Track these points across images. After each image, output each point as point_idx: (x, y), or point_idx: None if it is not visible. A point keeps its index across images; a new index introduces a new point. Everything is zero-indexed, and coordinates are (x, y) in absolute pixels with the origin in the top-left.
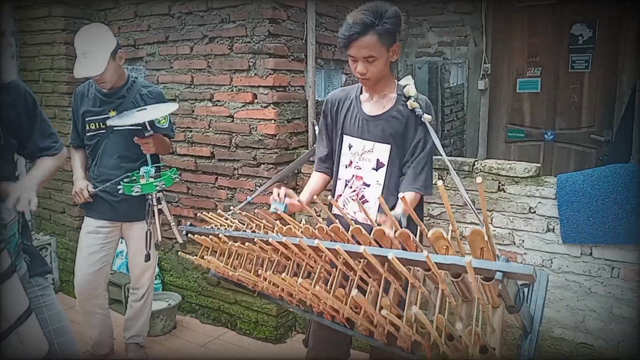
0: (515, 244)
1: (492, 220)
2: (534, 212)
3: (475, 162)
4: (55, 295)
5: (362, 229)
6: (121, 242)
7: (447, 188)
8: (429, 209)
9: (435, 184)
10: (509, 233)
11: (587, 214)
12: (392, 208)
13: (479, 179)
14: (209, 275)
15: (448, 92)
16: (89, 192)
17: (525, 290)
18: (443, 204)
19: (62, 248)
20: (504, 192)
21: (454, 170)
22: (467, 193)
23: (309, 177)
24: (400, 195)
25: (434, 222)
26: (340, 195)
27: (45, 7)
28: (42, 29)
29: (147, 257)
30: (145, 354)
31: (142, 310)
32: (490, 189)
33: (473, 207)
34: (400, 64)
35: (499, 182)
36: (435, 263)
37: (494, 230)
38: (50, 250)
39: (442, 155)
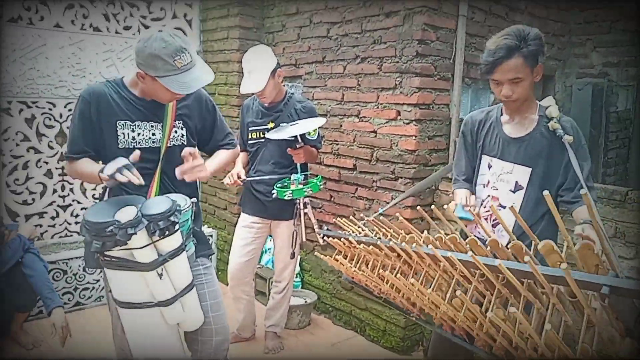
0: None
1: None
2: None
3: (629, 192)
4: (215, 275)
5: (478, 241)
6: (269, 240)
7: None
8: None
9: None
10: None
11: None
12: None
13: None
14: (342, 279)
15: (614, 116)
16: (240, 177)
17: None
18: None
19: (221, 240)
20: None
21: (605, 199)
22: (619, 224)
23: (446, 194)
24: (576, 212)
25: None
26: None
27: (225, 30)
28: (221, 49)
29: (292, 255)
30: (281, 343)
31: (281, 303)
32: None
33: (606, 236)
34: (558, 84)
35: None
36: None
37: None
38: (212, 242)
39: (580, 181)
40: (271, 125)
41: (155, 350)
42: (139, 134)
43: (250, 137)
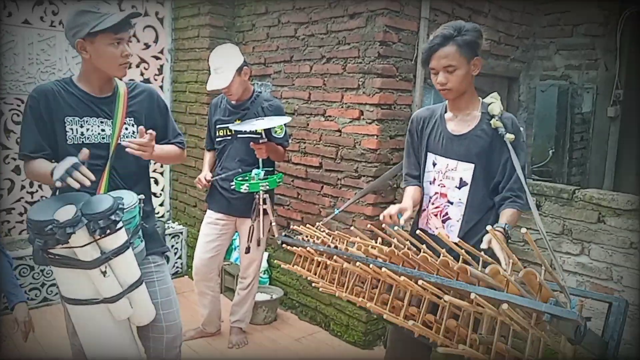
0: (612, 279)
1: (589, 252)
2: (636, 248)
3: (576, 191)
4: (168, 273)
5: (429, 257)
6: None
7: (544, 215)
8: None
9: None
10: (607, 267)
11: None
12: (475, 225)
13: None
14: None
15: (579, 118)
16: (207, 179)
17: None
18: (538, 230)
19: (192, 237)
20: (604, 223)
21: (554, 197)
22: (566, 221)
23: None
24: (502, 214)
25: (528, 249)
26: (425, 210)
27: (196, 29)
28: (192, 47)
29: (247, 250)
30: (245, 338)
31: (246, 298)
32: (589, 219)
33: (547, 239)
34: (523, 86)
35: (599, 213)
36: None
37: (591, 263)
38: (182, 239)
39: (512, 180)
40: (238, 122)
41: (105, 346)
42: (87, 130)
43: (217, 134)
